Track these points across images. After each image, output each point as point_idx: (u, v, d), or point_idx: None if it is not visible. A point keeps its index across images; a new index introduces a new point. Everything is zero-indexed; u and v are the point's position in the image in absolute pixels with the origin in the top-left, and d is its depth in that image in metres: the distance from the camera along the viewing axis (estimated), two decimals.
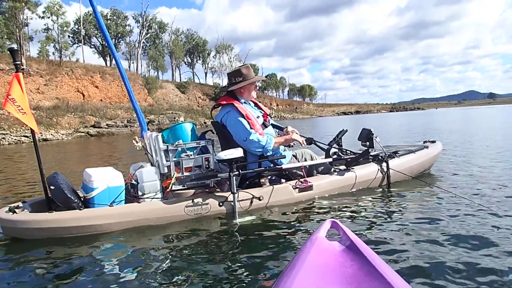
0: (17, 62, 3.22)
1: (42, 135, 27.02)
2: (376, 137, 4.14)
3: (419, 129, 16.17)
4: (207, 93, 65.73)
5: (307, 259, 1.62)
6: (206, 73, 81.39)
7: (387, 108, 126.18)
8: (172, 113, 41.71)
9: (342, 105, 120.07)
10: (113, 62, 56.97)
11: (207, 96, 64.65)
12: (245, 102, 3.83)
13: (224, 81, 76.42)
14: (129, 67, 61.49)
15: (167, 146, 3.46)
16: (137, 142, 3.82)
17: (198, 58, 79.02)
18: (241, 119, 3.61)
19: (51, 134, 28.25)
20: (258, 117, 3.80)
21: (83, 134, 30.76)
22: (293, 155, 4.00)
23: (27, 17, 40.16)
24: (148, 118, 34.80)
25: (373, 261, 1.54)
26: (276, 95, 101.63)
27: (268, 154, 3.67)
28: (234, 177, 3.34)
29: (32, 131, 3.35)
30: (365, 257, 1.59)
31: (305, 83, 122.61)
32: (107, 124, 33.39)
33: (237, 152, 3.29)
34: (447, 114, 41.01)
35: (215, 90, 65.76)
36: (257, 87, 3.95)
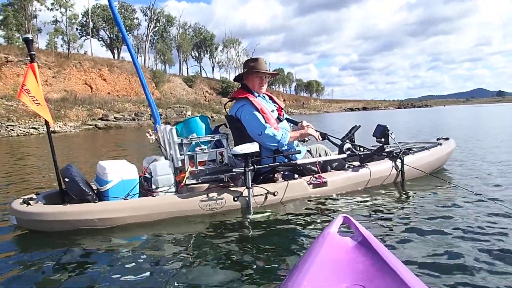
0: (32, 52, 3.19)
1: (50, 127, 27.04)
2: (391, 134, 4.09)
3: (429, 126, 16.04)
4: (214, 87, 65.66)
5: (319, 254, 1.61)
6: (213, 67, 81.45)
7: (394, 104, 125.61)
8: (179, 107, 41.70)
9: (349, 101, 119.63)
10: (121, 55, 57.22)
11: (214, 91, 64.61)
12: (259, 96, 3.78)
13: (231, 76, 76.41)
14: None
15: (182, 139, 3.43)
16: (150, 135, 3.80)
17: (205, 52, 78.93)
18: (256, 113, 3.56)
19: (59, 127, 28.34)
20: (272, 111, 3.74)
21: (91, 126, 30.85)
22: (308, 151, 3.95)
23: (36, 8, 40.42)
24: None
25: (386, 257, 1.52)
26: (283, 90, 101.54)
27: (283, 148, 3.63)
28: (249, 172, 3.30)
29: (47, 123, 3.33)
30: (377, 253, 1.56)
31: (313, 79, 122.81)
32: (115, 117, 33.46)
33: (253, 147, 3.25)
34: (456, 112, 40.67)
35: (222, 84, 65.74)
36: (263, 81, 3.75)
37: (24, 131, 25.28)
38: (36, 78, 3.13)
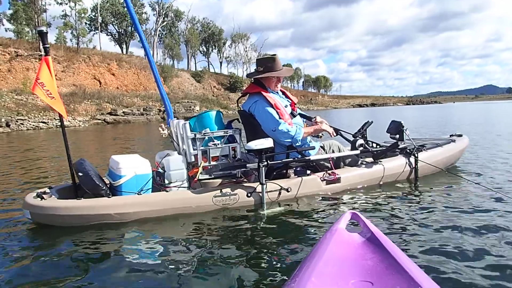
0: (47, 45, 3.18)
1: (59, 122, 27.19)
2: (406, 130, 4.04)
3: (440, 123, 15.88)
4: (222, 82, 65.65)
5: (326, 250, 1.60)
6: (221, 63, 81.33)
7: (403, 101, 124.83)
8: (187, 101, 41.68)
9: (358, 97, 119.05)
10: (130, 50, 57.33)
11: (222, 86, 64.62)
12: (272, 91, 3.75)
13: (239, 71, 76.37)
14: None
15: (195, 134, 3.41)
16: (163, 130, 3.78)
17: (213, 47, 78.84)
18: (270, 108, 3.53)
19: (68, 121, 28.38)
20: (286, 106, 3.71)
21: (99, 121, 30.96)
22: (321, 146, 3.92)
23: (45, 3, 40.48)
24: (163, 107, 34.83)
25: (395, 254, 1.50)
26: (291, 85, 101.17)
27: (297, 144, 3.59)
28: (263, 168, 3.28)
29: (61, 116, 3.32)
30: (386, 249, 1.55)
31: (321, 74, 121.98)
32: (123, 112, 33.53)
33: (268, 142, 3.21)
34: (466, 108, 40.26)
35: (230, 79, 65.80)
36: (280, 80, 3.79)
37: (33, 125, 25.36)
38: (50, 71, 3.13)
